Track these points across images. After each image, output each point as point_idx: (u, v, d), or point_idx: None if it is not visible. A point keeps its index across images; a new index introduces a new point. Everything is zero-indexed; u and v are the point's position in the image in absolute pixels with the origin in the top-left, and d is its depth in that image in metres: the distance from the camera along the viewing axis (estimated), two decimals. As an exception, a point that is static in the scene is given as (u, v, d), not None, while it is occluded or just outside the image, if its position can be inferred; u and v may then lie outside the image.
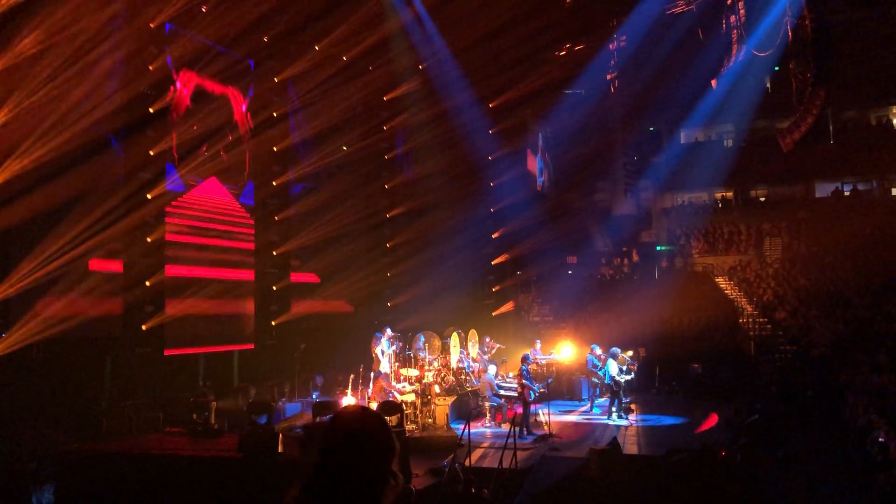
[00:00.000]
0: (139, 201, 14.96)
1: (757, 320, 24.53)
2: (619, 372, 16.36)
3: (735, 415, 14.94)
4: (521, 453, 12.38)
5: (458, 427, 13.92)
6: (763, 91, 29.13)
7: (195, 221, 16.75)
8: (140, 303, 15.15)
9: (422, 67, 21.46)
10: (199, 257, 16.68)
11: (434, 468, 11.81)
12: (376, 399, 14.03)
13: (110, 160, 14.69)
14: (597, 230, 32.17)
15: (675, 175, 31.58)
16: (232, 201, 17.87)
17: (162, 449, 9.91)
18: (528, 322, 26.97)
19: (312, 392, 16.96)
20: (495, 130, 24.88)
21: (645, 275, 30.02)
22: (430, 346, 17.03)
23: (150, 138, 15.33)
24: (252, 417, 9.74)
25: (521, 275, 28.93)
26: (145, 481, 9.23)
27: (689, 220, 32.54)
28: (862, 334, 20.47)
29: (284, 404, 15.88)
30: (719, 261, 29.90)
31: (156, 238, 15.51)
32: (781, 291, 25.71)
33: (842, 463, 12.71)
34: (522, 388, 15.17)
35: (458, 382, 17.13)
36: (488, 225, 26.47)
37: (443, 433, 14.51)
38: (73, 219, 13.46)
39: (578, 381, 20.09)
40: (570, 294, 26.83)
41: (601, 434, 14.83)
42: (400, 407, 11.34)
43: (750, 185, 33.51)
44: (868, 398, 15.02)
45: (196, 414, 11.11)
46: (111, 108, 14.13)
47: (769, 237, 30.09)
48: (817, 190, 32.41)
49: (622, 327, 22.09)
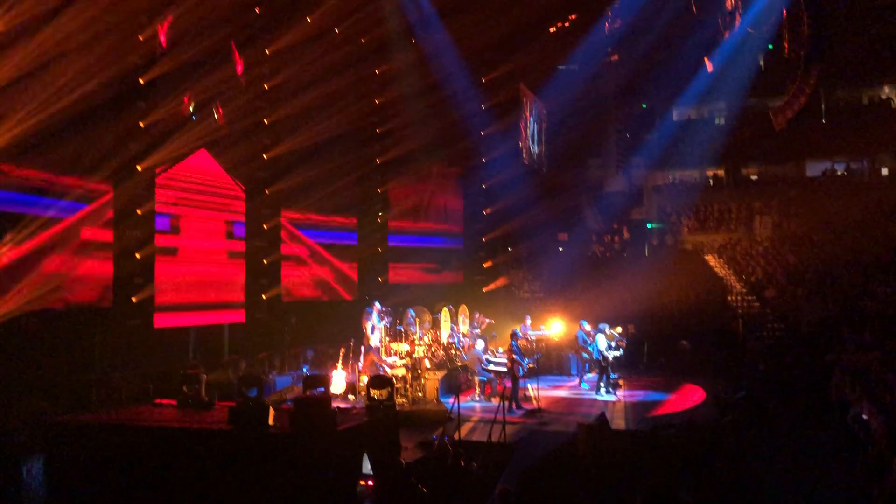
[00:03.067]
0: (129, 171, 14.89)
1: (745, 298, 24.67)
2: (608, 348, 16.46)
3: (722, 391, 15.07)
4: (510, 427, 12.47)
5: (448, 401, 14.02)
6: (756, 69, 29.09)
7: (185, 193, 16.68)
8: (130, 275, 15.12)
9: (414, 41, 21.30)
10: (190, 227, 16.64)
11: (423, 441, 11.89)
12: (367, 373, 14.09)
13: (100, 130, 14.57)
14: (588, 207, 32.18)
15: (667, 153, 31.54)
16: (222, 174, 17.77)
17: (152, 421, 9.92)
18: (519, 298, 27.04)
19: (302, 366, 17.03)
20: (488, 106, 24.77)
21: (635, 252, 30.10)
22: (420, 321, 17.09)
23: (140, 109, 15.21)
24: (242, 390, 9.74)
25: (513, 251, 28.96)
26: (135, 452, 9.24)
27: (681, 197, 32.52)
28: (849, 313, 20.63)
29: (275, 377, 15.95)
30: (709, 239, 29.97)
31: (146, 210, 15.45)
32: (770, 270, 25.84)
33: (827, 439, 12.85)
34: (512, 364, 15.25)
35: (448, 357, 17.20)
36: (480, 201, 26.46)
37: (432, 407, 14.60)
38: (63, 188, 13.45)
39: (567, 356, 20.20)
40: (561, 271, 26.89)
41: (589, 409, 14.94)
42: (390, 381, 11.37)
43: (741, 164, 33.51)
44: (853, 376, 15.17)
45: (186, 386, 11.11)
46: (102, 78, 13.99)
47: (759, 216, 30.16)
48: (808, 169, 32.45)
49: (612, 304, 22.17)
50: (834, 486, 10.38)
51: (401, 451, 10.50)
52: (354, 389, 14.89)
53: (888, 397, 13.06)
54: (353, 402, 14.04)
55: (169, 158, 15.99)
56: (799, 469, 10.70)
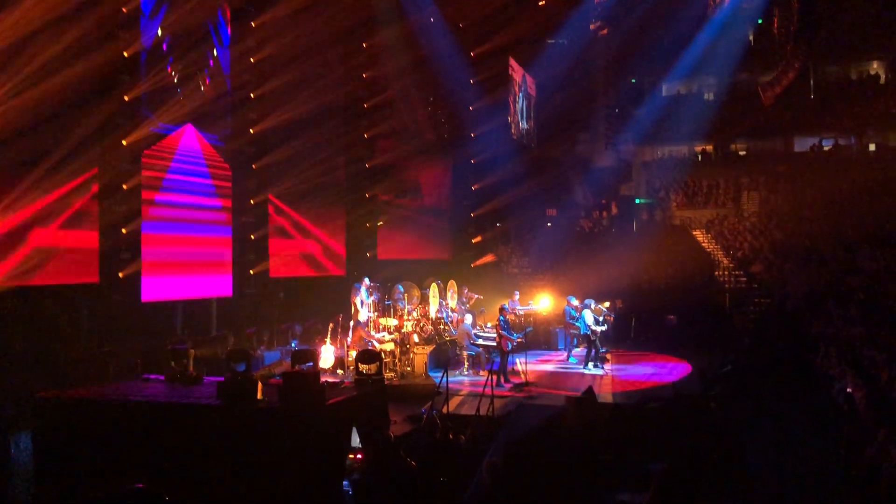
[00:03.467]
0: (114, 146, 14.74)
1: (732, 273, 24.81)
2: (596, 322, 16.55)
3: (709, 365, 15.19)
4: (498, 401, 12.55)
5: (437, 375, 14.07)
6: (745, 44, 29.03)
7: (172, 168, 16.55)
8: (116, 250, 15.03)
9: (402, 15, 21.09)
10: (176, 203, 16.53)
11: (412, 415, 11.96)
12: (355, 348, 14.11)
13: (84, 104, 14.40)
14: (577, 182, 32.16)
15: (656, 128, 31.52)
16: (208, 148, 17.64)
17: (140, 395, 9.88)
18: (507, 273, 27.08)
19: (291, 341, 17.02)
20: (476, 80, 24.63)
21: (623, 228, 30.15)
22: (409, 297, 17.11)
23: (125, 83, 15.03)
24: (231, 365, 9.72)
25: (501, 227, 28.95)
26: (123, 427, 9.22)
27: (669, 173, 32.58)
28: (835, 287, 20.78)
29: (263, 352, 15.96)
30: (697, 214, 30.07)
31: (131, 185, 15.32)
32: (757, 245, 25.96)
33: (812, 413, 13.00)
34: (500, 338, 15.31)
35: (436, 332, 17.25)
36: (468, 176, 26.38)
37: (421, 381, 14.67)
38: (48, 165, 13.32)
39: (555, 331, 20.30)
40: (549, 246, 26.93)
41: (577, 383, 15.04)
42: (379, 355, 11.41)
43: (730, 139, 33.54)
44: (838, 350, 15.32)
45: (174, 361, 11.07)
46: (84, 52, 13.80)
47: (747, 191, 30.25)
48: (797, 144, 32.51)
49: (600, 279, 22.24)
50: (818, 458, 10.52)
51: (390, 425, 10.54)
52: (343, 364, 14.92)
53: (872, 371, 13.21)
54: (341, 377, 14.06)
55: (155, 133, 15.83)
56: (784, 442, 10.82)
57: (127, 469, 8.86)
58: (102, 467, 9.01)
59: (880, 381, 12.42)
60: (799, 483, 9.48)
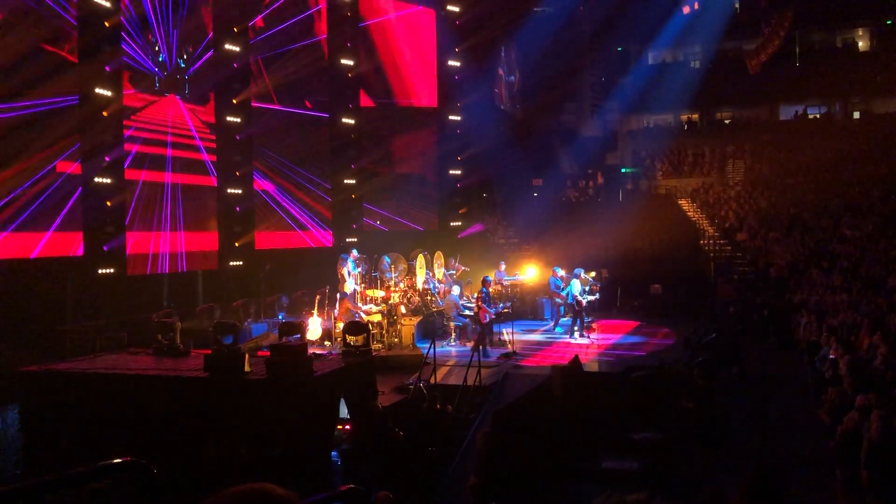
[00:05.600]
0: (96, 118, 14.58)
1: (717, 242, 24.93)
2: (582, 292, 16.62)
3: (693, 333, 15.32)
4: (486, 371, 12.63)
5: (424, 346, 14.12)
6: (731, 12, 28.94)
7: (154, 137, 16.40)
8: (101, 224, 14.92)
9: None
10: (161, 175, 16.40)
11: (400, 386, 12.02)
12: (342, 319, 14.12)
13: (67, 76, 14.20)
14: (562, 152, 32.11)
15: (642, 97, 31.46)
16: (194, 119, 17.45)
17: (127, 368, 9.89)
18: (494, 244, 27.09)
19: (278, 313, 17.00)
20: (462, 48, 24.41)
21: (609, 197, 30.21)
22: (395, 268, 17.09)
23: (106, 53, 14.83)
24: (218, 337, 9.71)
25: (487, 197, 28.89)
26: (110, 400, 9.24)
27: (655, 142, 32.58)
28: (818, 255, 20.96)
29: (250, 325, 15.91)
30: (683, 183, 30.12)
31: (115, 157, 15.17)
32: (742, 213, 26.08)
33: (795, 379, 13.18)
34: (479, 310, 15.32)
35: (423, 303, 17.28)
36: (454, 146, 26.23)
37: (409, 352, 14.71)
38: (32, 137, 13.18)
39: (542, 301, 20.37)
40: (535, 216, 26.91)
41: (564, 352, 15.13)
42: (366, 327, 11.43)
43: (715, 108, 33.56)
44: (821, 317, 15.50)
45: (161, 334, 11.06)
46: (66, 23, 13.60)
47: (732, 160, 30.33)
48: (782, 112, 32.58)
49: (586, 249, 22.30)
50: (801, 424, 10.70)
51: (378, 395, 10.60)
52: (331, 336, 14.93)
53: (854, 338, 13.38)
54: (329, 349, 14.09)
55: (137, 105, 15.66)
56: (767, 408, 10.98)
57: (115, 442, 8.89)
58: (91, 441, 9.03)
59: (862, 347, 12.60)
60: (783, 448, 9.64)
